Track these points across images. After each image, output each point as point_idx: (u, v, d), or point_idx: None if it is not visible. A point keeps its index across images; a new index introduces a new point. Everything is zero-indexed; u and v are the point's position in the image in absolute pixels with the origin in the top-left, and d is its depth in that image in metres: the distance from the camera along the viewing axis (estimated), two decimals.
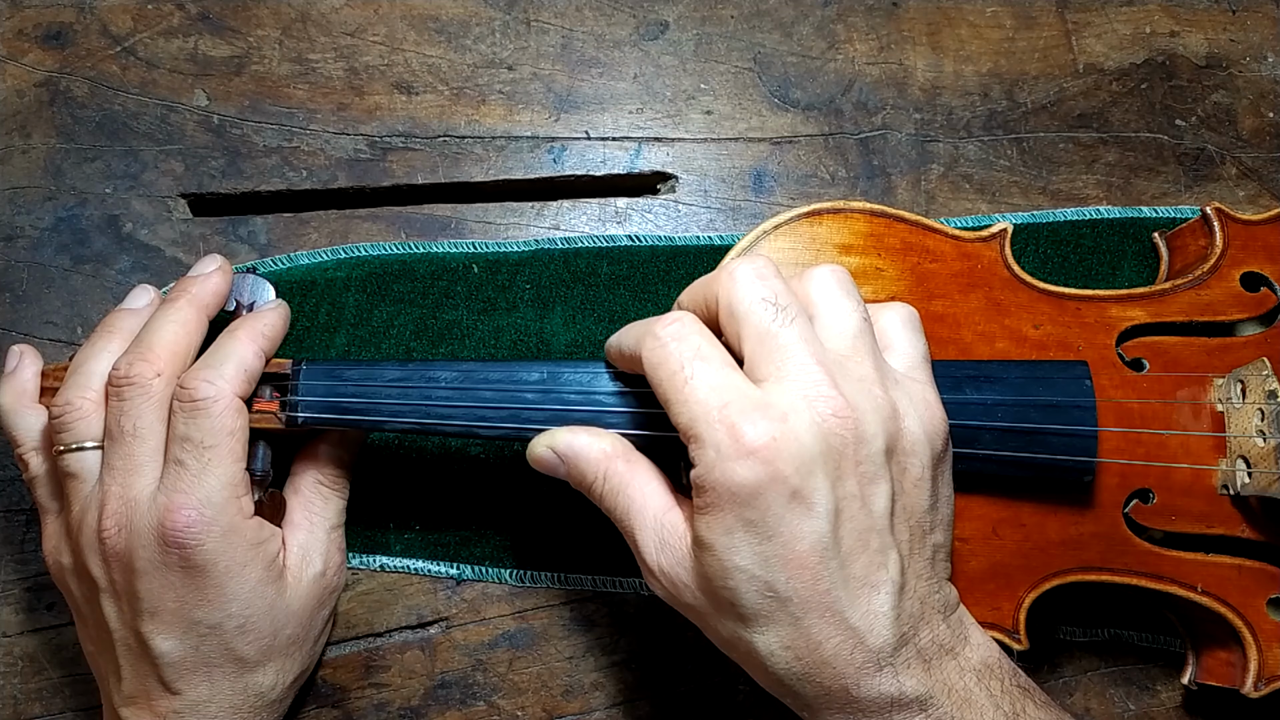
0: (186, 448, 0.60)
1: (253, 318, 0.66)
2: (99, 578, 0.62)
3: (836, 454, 0.53)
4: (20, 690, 0.72)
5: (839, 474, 0.53)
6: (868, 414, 0.54)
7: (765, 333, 0.55)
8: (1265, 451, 0.64)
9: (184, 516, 0.59)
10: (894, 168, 0.82)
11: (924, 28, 0.85)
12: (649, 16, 0.84)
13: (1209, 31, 0.87)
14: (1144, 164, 0.84)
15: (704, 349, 0.55)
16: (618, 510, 0.60)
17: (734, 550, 0.53)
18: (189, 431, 0.60)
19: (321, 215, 0.79)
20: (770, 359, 0.55)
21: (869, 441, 0.54)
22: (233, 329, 0.65)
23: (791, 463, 0.52)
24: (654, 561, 0.58)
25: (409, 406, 0.63)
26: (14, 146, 0.78)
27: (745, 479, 0.52)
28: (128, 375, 0.61)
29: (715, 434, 0.53)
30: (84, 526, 0.62)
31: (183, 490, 0.60)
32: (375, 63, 0.81)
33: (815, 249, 0.68)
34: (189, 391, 0.60)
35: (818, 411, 0.53)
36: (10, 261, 0.76)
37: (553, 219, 0.80)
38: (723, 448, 0.52)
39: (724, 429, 0.52)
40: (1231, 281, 0.71)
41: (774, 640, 0.54)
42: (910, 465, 0.56)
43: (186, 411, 0.60)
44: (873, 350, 0.57)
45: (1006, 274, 0.69)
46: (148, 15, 0.81)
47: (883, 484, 0.54)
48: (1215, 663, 0.70)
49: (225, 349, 0.63)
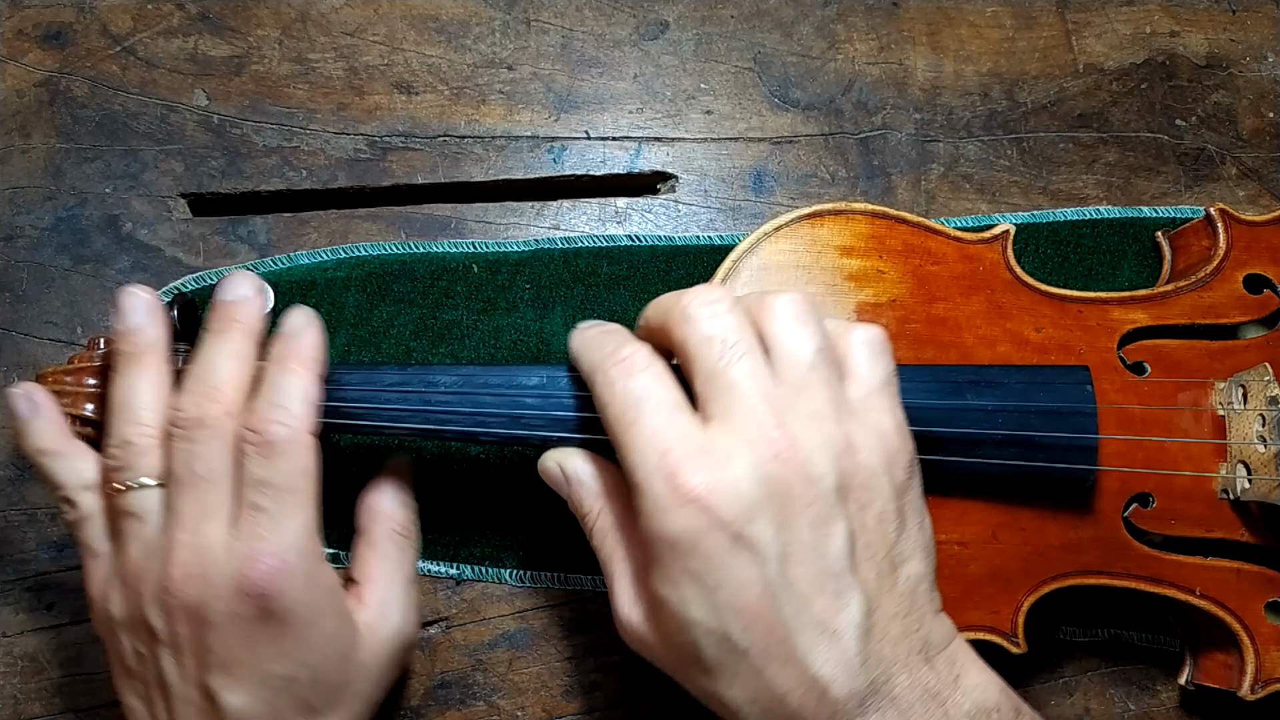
0: (265, 492, 0.56)
1: (296, 341, 0.61)
2: (159, 630, 0.57)
3: (781, 497, 0.51)
4: (20, 690, 0.72)
5: (785, 517, 0.51)
6: (815, 452, 0.52)
7: (713, 371, 0.54)
8: (1266, 458, 0.64)
9: (266, 565, 0.55)
10: (894, 168, 0.82)
11: (924, 27, 0.85)
12: (649, 16, 0.84)
13: (1209, 31, 0.87)
14: (1144, 164, 0.83)
15: (651, 388, 0.54)
16: (602, 551, 0.60)
17: (686, 603, 0.52)
18: (267, 476, 0.56)
19: (321, 215, 0.79)
20: (717, 398, 0.53)
21: (817, 481, 0.52)
22: (281, 358, 0.60)
23: (731, 509, 0.50)
24: (625, 615, 0.57)
25: (408, 411, 0.62)
26: (14, 146, 0.78)
27: (683, 529, 0.51)
28: (199, 417, 0.57)
29: (654, 484, 0.52)
30: (146, 575, 0.57)
31: (263, 537, 0.56)
32: (375, 62, 0.81)
33: (816, 250, 0.68)
34: (263, 435, 0.56)
35: (760, 454, 0.51)
36: (10, 261, 0.76)
37: (553, 219, 0.80)
38: (660, 498, 0.51)
39: (662, 478, 0.51)
40: (1234, 283, 0.71)
41: (740, 694, 0.53)
42: (870, 500, 0.54)
43: (263, 455, 0.56)
44: (828, 381, 0.55)
45: (1008, 276, 0.69)
46: (147, 15, 0.81)
47: (838, 524, 0.52)
48: (1213, 665, 0.70)
49: (285, 384, 0.59)
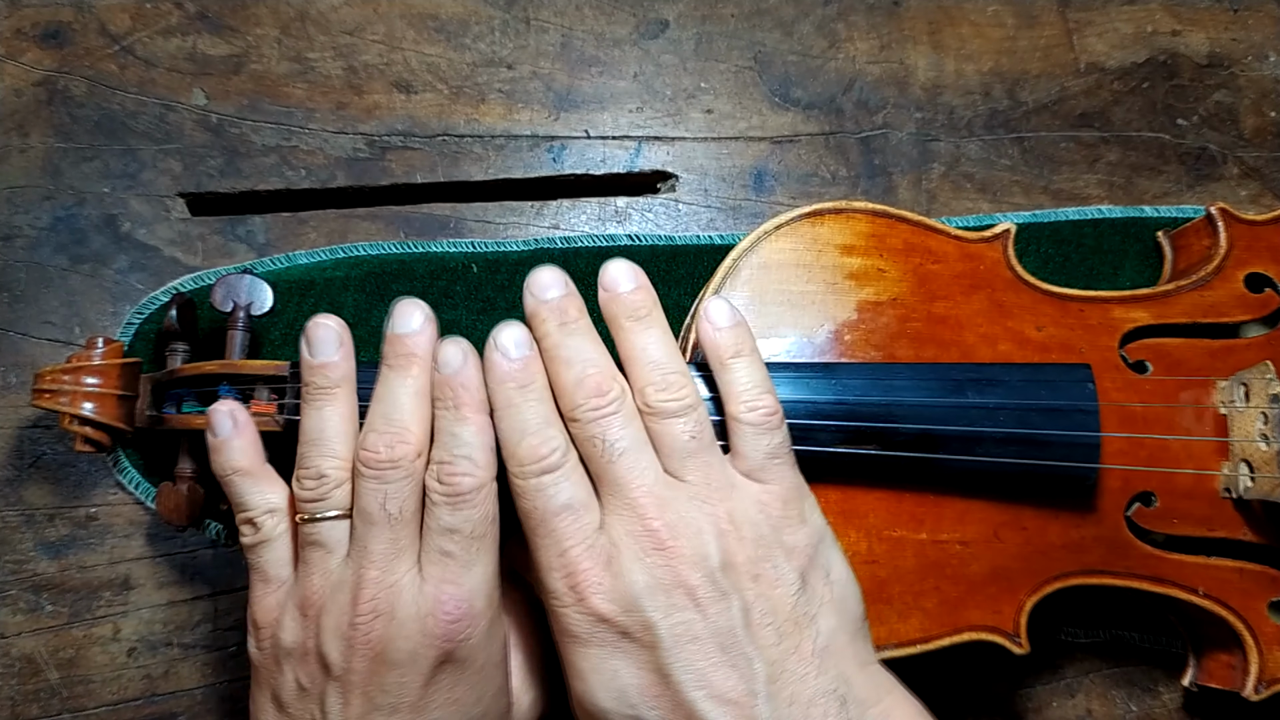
0: (455, 539, 0.56)
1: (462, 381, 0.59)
2: (334, 664, 0.56)
3: (667, 585, 0.54)
4: (18, 692, 0.71)
5: (670, 605, 0.54)
6: (697, 535, 0.55)
7: (600, 469, 0.56)
8: (1268, 456, 0.64)
9: (456, 609, 0.55)
10: (895, 167, 0.82)
11: (925, 26, 0.85)
12: (649, 15, 0.84)
13: (1211, 30, 0.87)
14: (1146, 163, 0.83)
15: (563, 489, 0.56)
16: None
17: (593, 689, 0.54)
18: (457, 524, 0.56)
19: (320, 214, 0.79)
20: (607, 495, 0.56)
21: (701, 562, 0.54)
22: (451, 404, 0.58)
23: (618, 604, 0.53)
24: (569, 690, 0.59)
25: None
26: (12, 146, 0.78)
27: (578, 625, 0.54)
28: (393, 460, 0.57)
29: (554, 583, 0.55)
30: (330, 607, 0.57)
31: (453, 581, 0.56)
32: (374, 61, 0.81)
33: (817, 249, 0.68)
34: (453, 486, 0.56)
35: (643, 546, 0.54)
36: (8, 261, 0.76)
37: (552, 218, 0.80)
38: (560, 596, 0.55)
39: (561, 577, 0.54)
40: (1235, 282, 0.71)
41: None
42: (762, 569, 0.55)
43: (452, 504, 0.56)
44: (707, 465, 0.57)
45: (1009, 275, 0.69)
46: (146, 14, 0.81)
47: (729, 599, 0.54)
48: (1216, 665, 0.70)
49: (462, 432, 0.58)
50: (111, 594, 0.73)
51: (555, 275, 0.60)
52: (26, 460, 0.74)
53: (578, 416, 0.57)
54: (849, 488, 0.64)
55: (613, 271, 0.61)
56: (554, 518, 0.55)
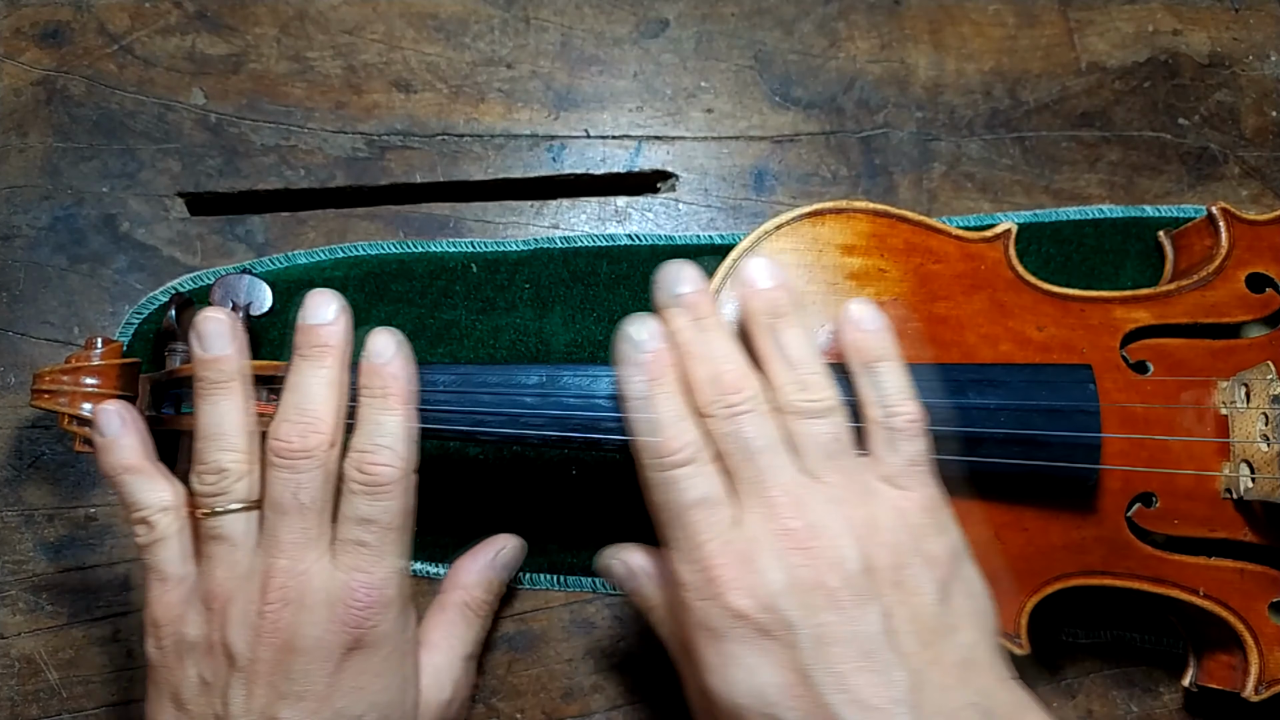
0: (371, 530, 0.57)
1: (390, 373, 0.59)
2: (239, 654, 0.56)
3: (804, 587, 0.53)
4: (17, 692, 0.71)
5: (811, 606, 0.53)
6: (837, 538, 0.54)
7: (738, 466, 0.56)
8: (1269, 457, 0.64)
9: (368, 596, 0.56)
10: (896, 166, 0.82)
11: (926, 25, 0.85)
12: (649, 14, 0.84)
13: (1212, 30, 0.86)
14: (1147, 163, 0.83)
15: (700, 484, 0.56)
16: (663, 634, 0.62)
17: (731, 684, 0.54)
18: (374, 514, 0.57)
19: (319, 214, 0.79)
20: (745, 493, 0.56)
21: (841, 564, 0.53)
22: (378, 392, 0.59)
23: (758, 602, 0.53)
24: (689, 693, 0.59)
25: None
26: (11, 145, 0.78)
27: (716, 619, 0.54)
28: (305, 449, 0.57)
29: (690, 575, 0.55)
30: (235, 599, 0.57)
31: (365, 569, 0.57)
32: (373, 61, 0.81)
33: (818, 249, 0.67)
34: (373, 476, 0.57)
35: (779, 546, 0.54)
36: (7, 261, 0.76)
37: (552, 218, 0.80)
38: (696, 588, 0.54)
39: (698, 570, 0.54)
40: (1237, 282, 0.70)
41: None
42: (902, 576, 0.55)
43: (371, 494, 0.57)
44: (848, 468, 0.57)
45: (1010, 275, 0.68)
46: (145, 14, 0.81)
47: (869, 604, 0.53)
48: (1216, 665, 0.70)
49: (386, 422, 0.59)
50: (111, 594, 0.73)
51: (687, 270, 0.60)
52: (26, 460, 0.74)
53: (713, 412, 0.56)
54: None
55: (752, 268, 0.60)
56: (688, 511, 0.55)
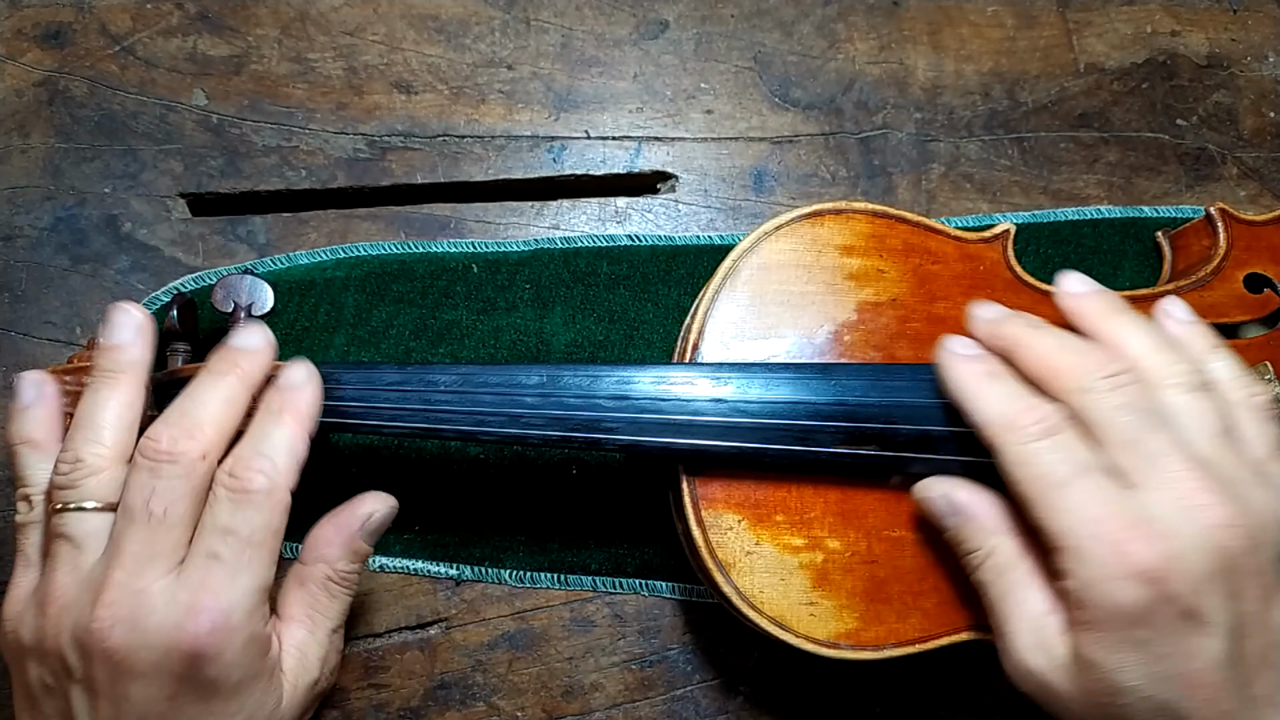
0: (228, 542, 0.53)
1: (294, 395, 0.58)
2: (74, 668, 0.53)
3: (1231, 567, 0.50)
4: None
5: (1235, 588, 0.50)
6: (1258, 518, 0.51)
7: (1132, 441, 0.53)
8: None
9: (208, 621, 0.52)
10: (895, 167, 0.82)
11: (925, 27, 0.85)
12: (649, 15, 0.84)
13: (1210, 31, 0.87)
14: (1145, 163, 0.83)
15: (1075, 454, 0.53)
16: (994, 589, 0.58)
17: (1123, 671, 0.51)
18: (234, 524, 0.53)
19: (320, 215, 0.79)
20: (1139, 467, 0.52)
21: (1263, 549, 0.51)
22: (275, 408, 0.57)
23: (1182, 582, 0.49)
24: (1025, 660, 0.55)
25: (407, 410, 0.62)
26: (13, 146, 0.78)
27: (1133, 600, 0.50)
28: (171, 452, 0.54)
29: (1096, 550, 0.51)
30: (69, 608, 0.54)
31: (212, 590, 0.52)
32: (374, 62, 0.81)
33: (817, 250, 0.68)
34: (242, 481, 0.54)
35: (1204, 523, 0.50)
36: (9, 261, 0.76)
37: (552, 218, 0.80)
38: (1106, 566, 0.50)
39: (1106, 546, 0.50)
40: (1235, 283, 0.71)
41: None
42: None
43: (236, 501, 0.54)
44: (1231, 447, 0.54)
45: (1009, 275, 0.69)
46: (146, 15, 0.81)
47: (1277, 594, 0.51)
48: None
49: (274, 435, 0.56)
50: None
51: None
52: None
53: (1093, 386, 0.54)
54: (849, 488, 0.64)
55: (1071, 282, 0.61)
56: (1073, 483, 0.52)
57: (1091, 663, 0.52)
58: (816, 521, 0.63)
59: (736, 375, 0.62)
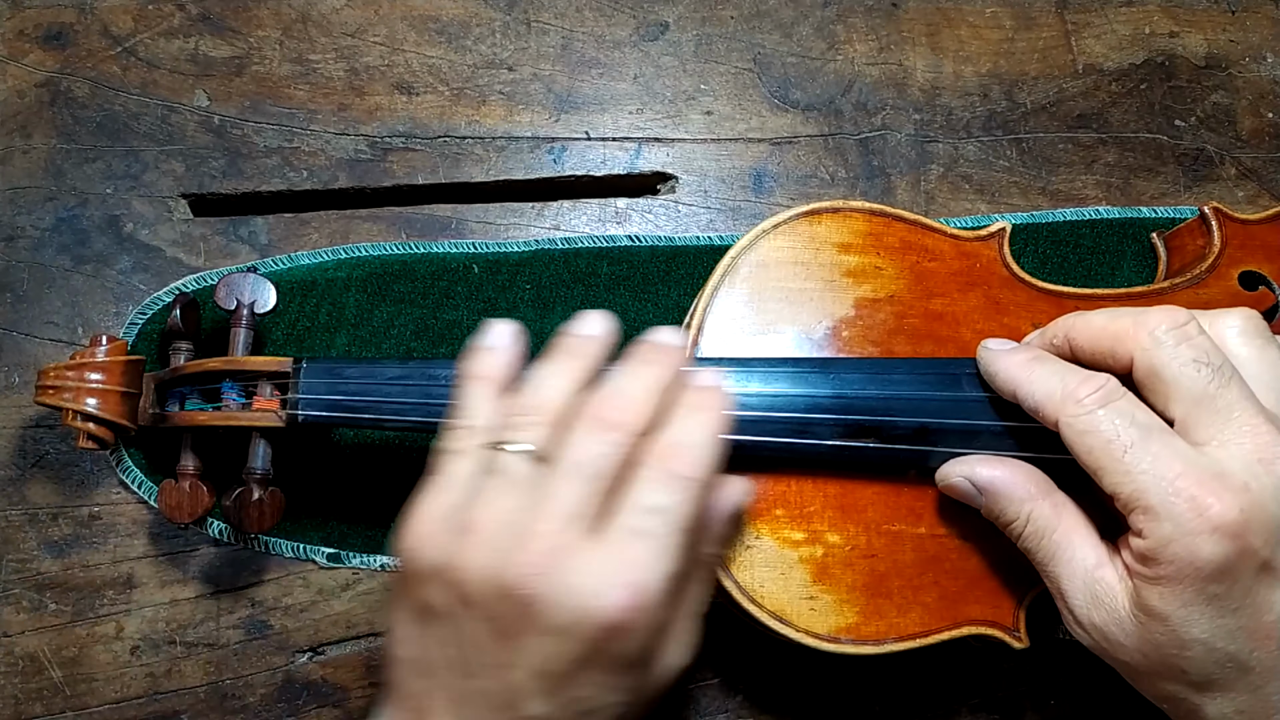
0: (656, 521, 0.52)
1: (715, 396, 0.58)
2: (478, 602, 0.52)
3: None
4: (21, 690, 0.72)
5: None
6: None
7: (1202, 396, 0.53)
8: None
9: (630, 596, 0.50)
10: (894, 168, 0.82)
11: (924, 28, 0.85)
12: (649, 17, 0.84)
13: (1208, 32, 0.87)
14: (1143, 164, 0.84)
15: (1138, 416, 0.53)
16: (1039, 554, 0.58)
17: (1191, 623, 0.51)
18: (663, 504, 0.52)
19: (322, 215, 0.79)
20: (1210, 422, 0.53)
21: None
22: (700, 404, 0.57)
23: (1261, 535, 0.50)
24: (1084, 616, 0.56)
25: (410, 404, 0.63)
26: (15, 147, 0.78)
27: (1213, 554, 0.50)
28: (613, 421, 0.54)
29: (1174, 507, 0.51)
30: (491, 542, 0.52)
31: (638, 565, 0.51)
32: (376, 63, 0.82)
33: (815, 247, 0.68)
34: (674, 466, 0.53)
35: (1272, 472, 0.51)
36: (11, 262, 0.76)
37: (553, 219, 0.81)
38: (1184, 521, 0.50)
39: (1184, 502, 0.50)
40: (1230, 280, 0.71)
41: (1228, 707, 0.53)
42: None
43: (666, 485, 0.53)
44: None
45: (1005, 273, 0.69)
46: (148, 16, 0.81)
47: None
48: None
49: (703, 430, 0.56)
50: (114, 593, 0.73)
51: None
52: (30, 460, 0.74)
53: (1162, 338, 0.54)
54: (848, 481, 0.64)
55: None
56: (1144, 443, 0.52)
57: (1161, 615, 0.52)
58: (816, 516, 0.63)
59: (735, 370, 0.63)
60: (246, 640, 0.73)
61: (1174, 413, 0.54)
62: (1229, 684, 0.52)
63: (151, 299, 0.75)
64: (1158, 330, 0.55)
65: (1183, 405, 0.54)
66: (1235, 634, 0.51)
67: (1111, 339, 0.57)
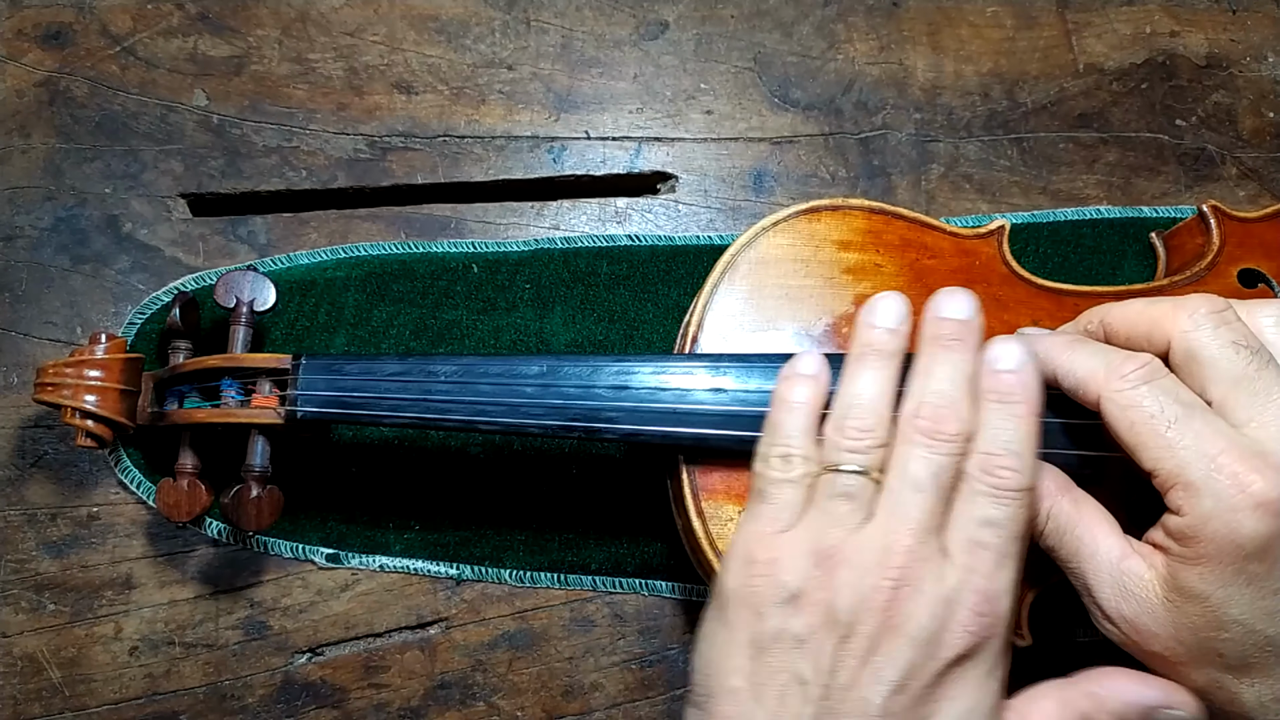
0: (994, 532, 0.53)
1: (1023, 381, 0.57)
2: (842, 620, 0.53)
3: None
4: (20, 690, 0.71)
5: None
6: None
7: (1241, 377, 0.53)
8: None
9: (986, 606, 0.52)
10: (894, 167, 0.82)
11: (924, 28, 0.85)
12: (649, 16, 0.84)
13: (1209, 31, 0.87)
14: (1144, 164, 0.83)
15: (1181, 394, 0.53)
16: (1063, 551, 0.57)
17: (1230, 603, 0.51)
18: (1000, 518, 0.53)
19: (321, 215, 0.79)
20: (1250, 404, 0.53)
21: None
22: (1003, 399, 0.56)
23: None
24: (1113, 610, 0.55)
25: (408, 401, 0.62)
26: (14, 146, 0.78)
27: (1255, 531, 0.50)
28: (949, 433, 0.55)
29: (1215, 483, 0.50)
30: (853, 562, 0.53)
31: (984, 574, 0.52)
32: (375, 62, 0.82)
33: (814, 245, 0.68)
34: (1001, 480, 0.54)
35: None
36: (10, 261, 0.76)
37: (552, 219, 0.80)
38: (1225, 497, 0.50)
39: (1226, 478, 0.50)
40: (1229, 278, 0.71)
41: (1265, 693, 0.52)
42: None
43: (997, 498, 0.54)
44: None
45: (1004, 270, 0.69)
46: (147, 15, 0.81)
47: None
48: None
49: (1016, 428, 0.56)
50: (113, 593, 0.73)
51: None
52: (28, 460, 0.74)
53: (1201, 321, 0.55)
54: None
55: None
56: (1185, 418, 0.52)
57: (1200, 596, 0.52)
58: None
59: (735, 366, 0.62)
60: (245, 641, 0.72)
61: (1212, 394, 0.54)
62: (1267, 668, 0.52)
63: (150, 298, 0.75)
64: (1197, 314, 0.55)
65: (1221, 387, 0.53)
66: (1275, 616, 0.51)
67: (1149, 323, 0.57)
